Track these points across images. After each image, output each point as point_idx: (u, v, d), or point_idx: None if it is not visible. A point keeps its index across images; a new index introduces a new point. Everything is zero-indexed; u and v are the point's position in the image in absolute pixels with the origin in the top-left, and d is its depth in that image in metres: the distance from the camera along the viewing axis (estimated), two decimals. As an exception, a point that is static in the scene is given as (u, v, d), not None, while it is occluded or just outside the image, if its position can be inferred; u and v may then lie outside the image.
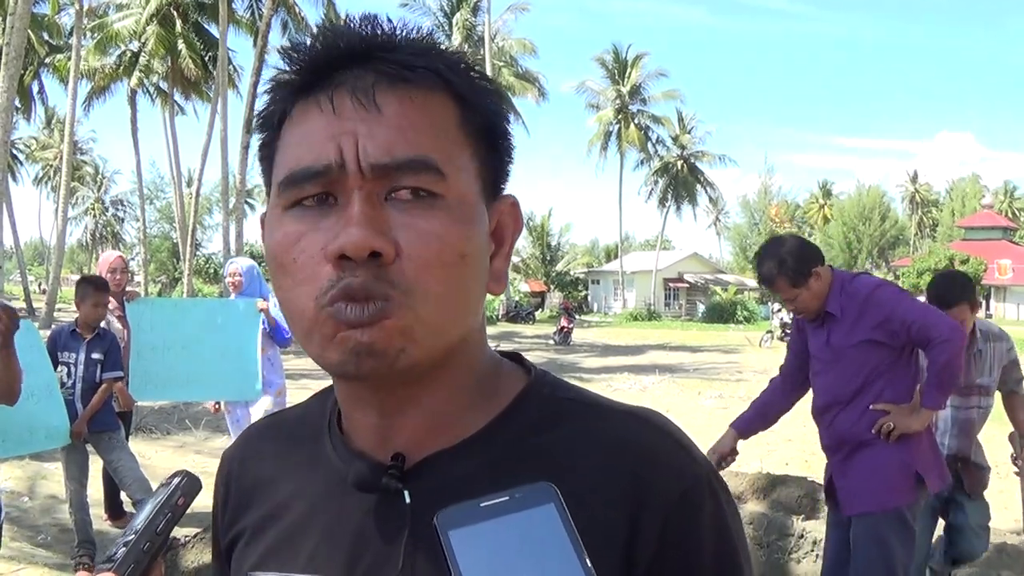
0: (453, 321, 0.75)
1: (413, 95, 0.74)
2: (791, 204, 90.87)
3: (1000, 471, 9.21)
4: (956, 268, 59.39)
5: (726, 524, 0.77)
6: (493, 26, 41.53)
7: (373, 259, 0.71)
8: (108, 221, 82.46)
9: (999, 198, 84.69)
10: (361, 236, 0.70)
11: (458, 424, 0.80)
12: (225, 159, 31.66)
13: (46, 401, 5.16)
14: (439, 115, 0.75)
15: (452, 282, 0.73)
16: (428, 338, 0.73)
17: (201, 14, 37.65)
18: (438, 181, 0.73)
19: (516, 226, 0.84)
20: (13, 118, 21.15)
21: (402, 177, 0.72)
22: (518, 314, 45.66)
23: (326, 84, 0.75)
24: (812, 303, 3.63)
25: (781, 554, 4.89)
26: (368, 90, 0.73)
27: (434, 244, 0.72)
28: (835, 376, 3.62)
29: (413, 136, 0.73)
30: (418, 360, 0.73)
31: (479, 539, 0.59)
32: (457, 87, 0.77)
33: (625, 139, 54.66)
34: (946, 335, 3.40)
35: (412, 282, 0.71)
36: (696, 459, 0.79)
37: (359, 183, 0.72)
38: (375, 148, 0.72)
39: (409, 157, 0.72)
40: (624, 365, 21.91)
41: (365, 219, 0.71)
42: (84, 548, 5.47)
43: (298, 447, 0.90)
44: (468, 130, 0.77)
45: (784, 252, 3.63)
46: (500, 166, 0.82)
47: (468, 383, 0.81)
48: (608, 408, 0.82)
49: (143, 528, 0.73)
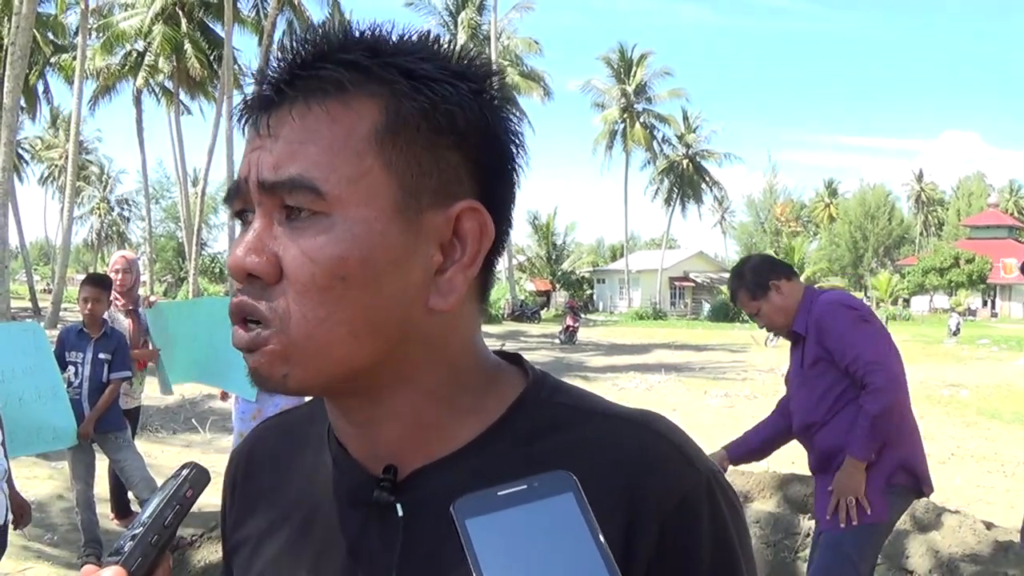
0: (343, 345, 0.73)
1: (316, 108, 0.73)
2: (796, 203, 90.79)
3: (1006, 469, 9.23)
4: (961, 267, 59.33)
5: (726, 531, 0.76)
6: (498, 25, 41.53)
7: (254, 279, 0.72)
8: (114, 220, 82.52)
9: (1005, 197, 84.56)
10: (234, 257, 0.72)
11: (447, 434, 0.79)
12: (230, 158, 31.68)
13: (52, 402, 5.17)
14: (341, 125, 0.72)
15: (331, 306, 0.71)
16: (312, 361, 0.73)
17: (206, 13, 37.71)
18: (316, 200, 0.71)
19: (482, 232, 0.76)
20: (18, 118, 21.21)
21: (286, 195, 0.72)
22: (523, 313, 45.60)
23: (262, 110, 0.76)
24: (776, 317, 3.59)
25: (788, 553, 4.88)
26: (273, 111, 0.74)
27: (307, 267, 0.71)
28: (805, 396, 3.56)
29: (299, 154, 0.72)
30: (306, 382, 0.74)
31: (497, 527, 0.58)
32: (378, 94, 0.73)
33: (630, 138, 54.61)
34: (880, 383, 3.29)
35: (288, 305, 0.72)
36: (695, 464, 0.76)
37: (258, 199, 0.73)
38: (265, 166, 0.72)
39: (287, 176, 0.71)
40: (630, 364, 21.87)
41: (249, 239, 0.72)
42: (91, 547, 5.48)
43: (302, 452, 0.89)
44: (388, 138, 0.73)
45: (746, 268, 3.67)
46: (463, 166, 0.76)
47: (445, 393, 0.79)
48: (607, 413, 0.80)
49: (151, 521, 0.72)
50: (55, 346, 5.49)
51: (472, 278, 0.77)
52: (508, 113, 0.79)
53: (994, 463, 9.64)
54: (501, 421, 0.79)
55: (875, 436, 3.32)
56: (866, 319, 3.49)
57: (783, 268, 3.67)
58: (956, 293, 61.44)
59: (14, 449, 4.86)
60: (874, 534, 3.42)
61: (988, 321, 55.50)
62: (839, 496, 3.37)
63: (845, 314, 3.46)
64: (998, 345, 30.12)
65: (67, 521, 6.41)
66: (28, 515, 3.61)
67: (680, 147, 58.20)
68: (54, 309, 26.31)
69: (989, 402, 15.20)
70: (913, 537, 4.96)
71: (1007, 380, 18.34)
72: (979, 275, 59.48)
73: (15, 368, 5.01)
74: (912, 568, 4.77)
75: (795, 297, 3.56)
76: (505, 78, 0.83)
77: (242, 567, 0.88)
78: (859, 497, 3.34)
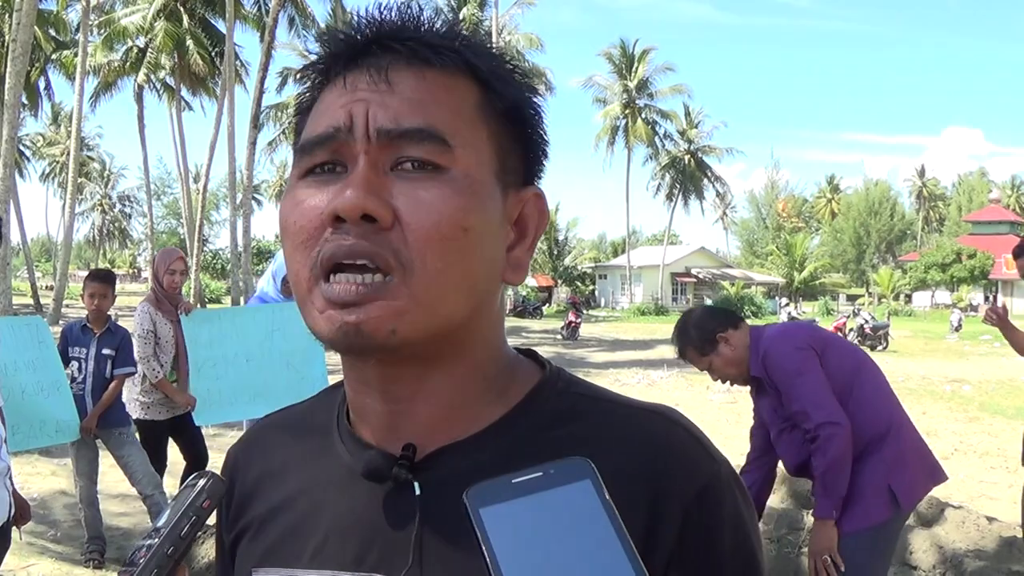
0: (450, 299, 0.73)
1: (429, 74, 0.75)
2: (799, 199, 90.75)
3: (1010, 465, 9.22)
4: (963, 262, 59.27)
5: (744, 520, 0.77)
6: (500, 21, 41.48)
7: (368, 222, 0.71)
8: (115, 217, 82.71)
9: (1006, 192, 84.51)
10: (355, 196, 0.70)
11: (471, 416, 0.80)
12: (232, 154, 31.68)
13: (55, 396, 5.17)
14: (455, 94, 0.76)
15: (452, 256, 0.72)
16: (421, 317, 0.72)
17: (208, 9, 37.70)
18: (443, 153, 0.72)
19: (541, 219, 0.82)
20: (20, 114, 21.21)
21: (407, 146, 0.72)
22: (525, 309, 45.63)
23: (348, 67, 0.77)
24: (728, 370, 3.52)
25: (791, 548, 4.88)
26: (383, 68, 0.75)
27: (433, 214, 0.71)
28: (789, 441, 3.49)
29: (423, 108, 0.73)
30: (408, 338, 0.72)
31: (512, 517, 0.56)
32: (480, 72, 0.78)
33: (632, 134, 54.50)
34: (822, 439, 3.20)
35: (409, 252, 0.71)
36: (714, 455, 0.78)
37: (365, 148, 0.73)
38: (384, 115, 0.73)
39: (416, 126, 0.72)
40: (632, 360, 21.88)
41: (363, 182, 0.71)
42: (94, 544, 5.49)
43: (305, 440, 0.89)
44: (488, 113, 0.77)
45: (689, 324, 3.55)
46: (525, 155, 0.81)
47: (481, 374, 0.81)
48: (624, 404, 0.82)
49: (167, 531, 0.71)
50: (58, 341, 5.48)
51: (530, 260, 0.82)
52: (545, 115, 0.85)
53: (997, 458, 9.64)
54: (521, 406, 0.81)
55: (831, 491, 3.25)
56: (801, 371, 3.33)
57: (727, 318, 3.57)
58: (958, 289, 61.42)
59: (17, 443, 4.87)
60: (880, 535, 3.39)
61: (990, 317, 55.30)
62: (814, 557, 3.32)
63: (784, 365, 3.36)
64: (1000, 341, 30.02)
65: (70, 517, 6.41)
66: (27, 514, 3.60)
67: (682, 143, 58.06)
68: (56, 306, 26.33)
69: (992, 397, 15.20)
70: (917, 532, 4.97)
71: (1009, 375, 18.31)
72: (981, 271, 59.43)
73: (18, 361, 5.01)
74: (916, 563, 4.77)
75: (744, 344, 3.46)
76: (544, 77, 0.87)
77: (244, 553, 0.88)
78: (832, 553, 3.26)
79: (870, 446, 3.35)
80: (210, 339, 5.66)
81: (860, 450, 3.35)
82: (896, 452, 3.37)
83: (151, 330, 5.59)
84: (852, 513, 3.37)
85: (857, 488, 3.36)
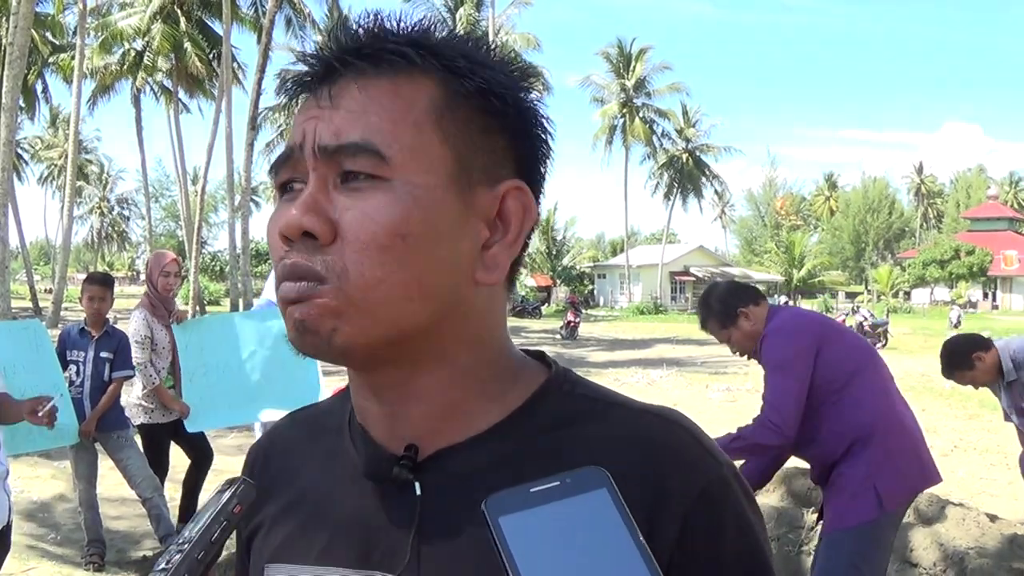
0: (396, 306, 0.74)
1: (377, 83, 0.76)
2: (797, 197, 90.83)
3: (1010, 462, 9.22)
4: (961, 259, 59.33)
5: (748, 521, 0.77)
6: (497, 21, 41.45)
7: (309, 239, 0.74)
8: (114, 220, 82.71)
9: (1004, 189, 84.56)
10: (293, 217, 0.73)
11: (473, 417, 0.80)
12: (230, 156, 31.68)
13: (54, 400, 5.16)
14: (401, 100, 0.75)
15: (391, 265, 0.73)
16: (364, 322, 0.74)
17: (205, 12, 37.68)
18: (379, 164, 0.73)
19: (526, 213, 0.80)
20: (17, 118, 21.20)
21: (346, 161, 0.74)
22: (524, 309, 45.65)
23: (313, 88, 0.79)
24: (746, 343, 3.63)
25: (792, 547, 4.88)
26: (334, 83, 0.76)
27: (370, 225, 0.73)
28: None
29: (362, 121, 0.74)
30: (355, 341, 0.74)
31: (531, 525, 0.57)
32: (438, 72, 0.77)
33: (630, 133, 54.57)
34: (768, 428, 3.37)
35: (345, 263, 0.73)
36: (716, 456, 0.78)
37: (313, 165, 0.75)
38: (326, 132, 0.74)
39: (351, 141, 0.73)
40: (632, 359, 21.91)
41: (306, 201, 0.74)
42: (94, 547, 5.49)
43: (320, 439, 0.91)
44: (445, 111, 0.76)
45: (712, 297, 3.69)
46: (510, 146, 0.80)
47: (473, 377, 0.81)
48: (627, 406, 0.82)
49: (198, 537, 0.71)
50: (56, 345, 5.47)
51: (514, 256, 0.80)
52: (543, 106, 0.83)
53: (997, 455, 9.62)
54: (523, 409, 0.81)
55: (732, 450, 3.33)
56: (783, 368, 3.45)
57: (750, 294, 3.69)
58: (957, 285, 61.49)
59: (16, 446, 4.87)
60: (873, 531, 3.39)
61: (989, 313, 55.46)
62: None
63: (776, 352, 3.49)
64: (999, 337, 30.08)
65: (70, 520, 6.41)
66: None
67: (680, 141, 58.14)
68: (55, 309, 26.29)
69: (991, 394, 15.16)
70: (917, 530, 4.96)
71: (1009, 372, 18.29)
72: (979, 267, 59.51)
73: (16, 365, 5.00)
74: (917, 561, 4.77)
75: (762, 320, 3.59)
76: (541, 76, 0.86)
77: (258, 549, 0.89)
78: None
79: (855, 446, 3.39)
80: (202, 346, 5.65)
81: (845, 449, 3.41)
82: (882, 453, 3.38)
83: (148, 336, 5.56)
84: (838, 510, 3.39)
85: (842, 486, 3.39)
